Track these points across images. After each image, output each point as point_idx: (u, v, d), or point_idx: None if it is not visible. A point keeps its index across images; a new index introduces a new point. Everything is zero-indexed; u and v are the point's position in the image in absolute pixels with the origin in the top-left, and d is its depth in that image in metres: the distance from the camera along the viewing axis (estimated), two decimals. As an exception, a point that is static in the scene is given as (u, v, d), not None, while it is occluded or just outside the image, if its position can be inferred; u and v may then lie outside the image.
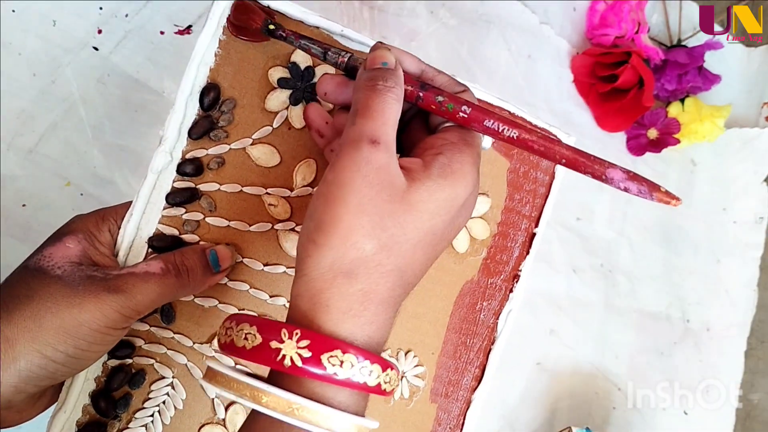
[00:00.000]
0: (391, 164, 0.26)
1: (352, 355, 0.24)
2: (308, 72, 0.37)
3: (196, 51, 0.35)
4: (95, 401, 0.35)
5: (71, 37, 0.47)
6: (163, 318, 0.36)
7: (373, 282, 0.26)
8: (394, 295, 0.27)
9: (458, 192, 0.27)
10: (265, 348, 0.24)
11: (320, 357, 0.24)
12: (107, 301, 0.30)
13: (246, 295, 0.37)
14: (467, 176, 0.28)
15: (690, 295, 0.65)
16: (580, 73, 0.62)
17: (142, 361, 0.36)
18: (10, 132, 0.46)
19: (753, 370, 0.65)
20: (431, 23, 0.57)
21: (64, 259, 0.31)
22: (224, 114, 0.36)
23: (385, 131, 0.27)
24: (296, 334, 0.24)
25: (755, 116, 0.68)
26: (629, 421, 0.61)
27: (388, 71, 0.29)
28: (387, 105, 0.27)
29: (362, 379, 0.25)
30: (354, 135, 0.27)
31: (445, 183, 0.27)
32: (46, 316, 0.29)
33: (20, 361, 0.29)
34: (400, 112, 0.28)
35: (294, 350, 0.24)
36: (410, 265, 0.27)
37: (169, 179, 0.35)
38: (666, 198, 0.26)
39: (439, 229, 0.27)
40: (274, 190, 0.37)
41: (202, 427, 0.36)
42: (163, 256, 0.34)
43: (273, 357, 0.24)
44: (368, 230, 0.25)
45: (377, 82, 0.28)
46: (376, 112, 0.27)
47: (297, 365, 0.24)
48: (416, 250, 0.27)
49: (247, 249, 0.37)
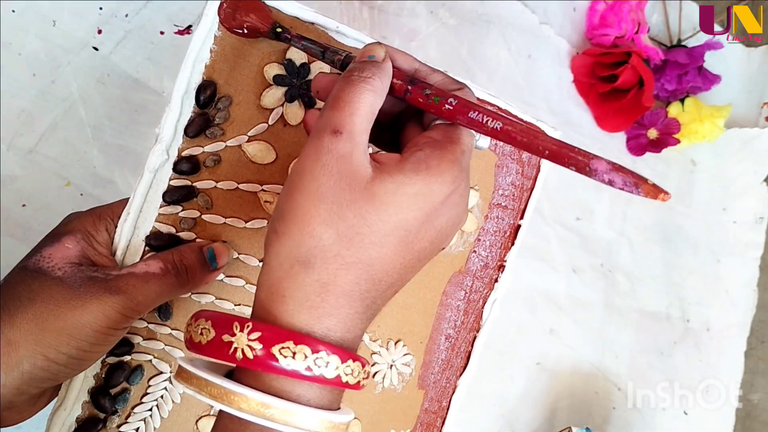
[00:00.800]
0: (354, 154, 0.26)
1: (305, 347, 0.24)
2: (304, 69, 0.37)
3: (192, 48, 0.34)
4: (94, 398, 0.35)
5: (71, 37, 0.47)
6: (160, 315, 0.36)
7: (331, 273, 0.25)
8: (359, 289, 0.26)
9: (432, 188, 0.26)
10: (218, 342, 0.24)
11: (271, 349, 0.23)
12: (109, 302, 0.30)
13: (242, 290, 0.37)
14: (444, 173, 0.26)
15: (690, 295, 0.65)
16: (580, 73, 0.62)
17: (141, 358, 0.36)
18: (10, 132, 0.46)
19: (753, 370, 0.65)
20: (431, 23, 0.57)
21: (64, 260, 0.31)
22: (220, 111, 0.36)
23: (351, 121, 0.26)
24: (247, 327, 0.24)
25: (755, 116, 0.68)
26: (629, 421, 0.62)
27: (368, 63, 0.28)
28: (357, 95, 0.27)
29: (318, 372, 0.24)
30: (319, 125, 0.26)
31: (416, 177, 0.26)
32: (48, 319, 0.29)
33: (23, 363, 0.29)
34: (376, 104, 0.27)
35: (245, 343, 0.23)
36: (378, 260, 0.26)
37: (166, 177, 0.35)
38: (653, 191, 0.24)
39: (412, 226, 0.26)
40: (269, 187, 0.37)
41: (199, 420, 0.37)
42: (161, 255, 0.34)
43: (226, 351, 0.24)
44: (325, 218, 0.25)
45: (353, 74, 0.27)
46: (344, 102, 0.26)
47: (248, 358, 0.23)
48: (383, 244, 0.26)
49: (243, 245, 0.37)
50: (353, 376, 0.25)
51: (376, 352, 0.41)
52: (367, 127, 0.27)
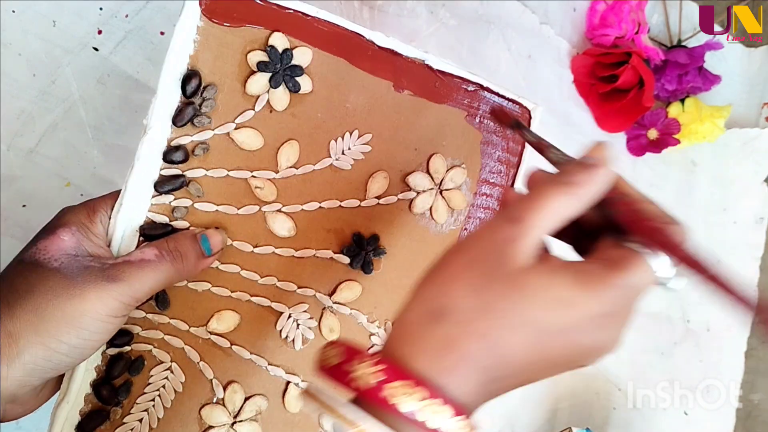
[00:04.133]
0: (520, 240, 0.25)
1: (423, 390, 0.24)
2: (286, 54, 0.37)
3: (174, 39, 0.35)
4: (97, 390, 0.35)
5: (71, 37, 0.47)
6: (158, 304, 0.36)
7: (460, 334, 0.25)
8: (482, 362, 0.25)
9: (584, 301, 0.25)
10: (342, 368, 0.25)
11: (390, 384, 0.24)
12: (107, 290, 0.31)
13: (237, 277, 0.38)
14: (604, 292, 0.25)
15: (690, 295, 0.65)
16: (580, 73, 0.62)
17: (141, 348, 0.36)
18: (10, 132, 0.46)
19: (753, 370, 0.65)
20: (431, 23, 0.57)
21: (60, 252, 0.32)
22: (207, 100, 0.36)
23: (532, 216, 0.26)
24: (373, 358, 0.25)
25: (755, 116, 0.68)
26: (629, 421, 0.61)
27: (581, 166, 0.27)
28: (551, 197, 0.26)
29: (424, 417, 0.24)
30: (506, 211, 0.27)
31: (572, 284, 0.25)
32: (47, 309, 0.30)
33: (24, 354, 0.29)
34: (570, 209, 0.26)
35: (368, 373, 0.24)
36: (506, 345, 0.25)
37: (156, 167, 0.35)
38: None
39: (550, 329, 0.25)
40: (259, 173, 0.37)
41: (202, 408, 0.37)
42: (156, 243, 0.34)
43: (347, 378, 0.25)
44: (471, 284, 0.25)
45: (562, 176, 0.27)
46: (535, 198, 0.26)
47: (367, 388, 0.24)
48: (516, 333, 0.25)
49: (236, 232, 0.37)
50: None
51: (375, 333, 0.41)
52: (547, 225, 0.26)
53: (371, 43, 0.39)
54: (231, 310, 0.38)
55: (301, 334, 0.39)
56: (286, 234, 0.38)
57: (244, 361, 0.38)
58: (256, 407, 0.38)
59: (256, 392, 0.38)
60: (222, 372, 0.37)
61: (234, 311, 0.38)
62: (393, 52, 0.40)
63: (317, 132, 0.39)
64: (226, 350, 0.37)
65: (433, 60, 0.41)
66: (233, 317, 0.37)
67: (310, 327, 0.39)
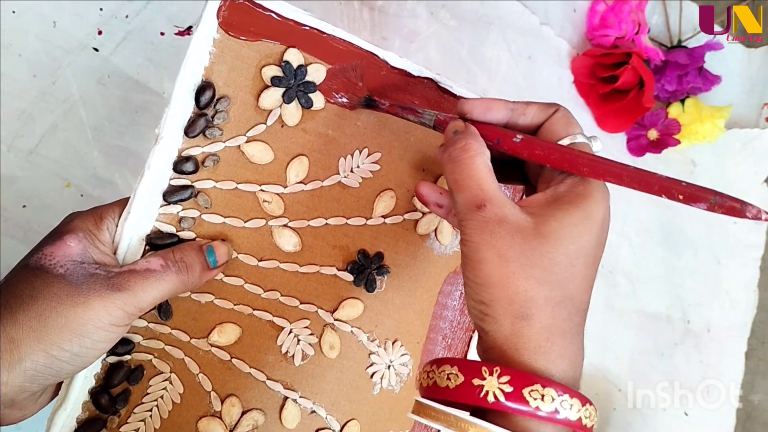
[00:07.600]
0: (507, 213, 0.28)
1: (552, 389, 0.25)
2: (301, 70, 0.37)
3: (191, 50, 0.35)
4: (95, 398, 0.35)
5: (71, 38, 0.47)
6: (160, 314, 0.36)
7: (549, 316, 0.27)
8: (573, 324, 0.28)
9: (591, 210, 0.28)
10: (468, 386, 0.26)
11: (522, 391, 0.25)
12: (111, 299, 0.31)
13: (241, 290, 0.37)
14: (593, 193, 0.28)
15: (690, 295, 0.65)
16: (581, 74, 0.62)
17: (141, 357, 0.36)
18: (11, 133, 0.46)
19: (753, 370, 0.65)
20: (431, 24, 0.57)
21: (66, 258, 0.31)
22: (219, 112, 0.36)
23: (482, 189, 0.28)
24: (496, 371, 0.25)
25: (755, 117, 0.68)
26: (629, 421, 0.61)
27: (457, 135, 0.30)
28: (469, 166, 0.29)
29: (564, 414, 0.25)
30: (462, 211, 0.29)
31: (572, 207, 0.28)
32: (51, 316, 0.29)
33: (25, 360, 0.29)
34: (486, 162, 0.29)
35: (496, 386, 0.25)
36: (576, 291, 0.28)
37: (166, 177, 0.35)
38: None
39: (590, 248, 0.28)
40: (268, 187, 0.37)
41: (200, 420, 0.37)
42: (162, 253, 0.34)
43: (476, 394, 0.25)
44: (520, 273, 0.27)
45: (452, 152, 0.30)
46: (464, 181, 0.29)
47: (500, 400, 0.25)
48: (575, 274, 0.27)
49: (242, 245, 0.37)
50: (590, 419, 0.26)
51: (375, 352, 0.41)
52: (495, 184, 0.29)
53: (385, 62, 0.39)
54: (233, 323, 0.37)
55: (301, 350, 0.39)
56: (291, 249, 0.38)
57: (244, 375, 0.38)
58: (252, 421, 0.38)
59: (254, 406, 0.38)
60: (221, 385, 0.37)
61: (236, 324, 0.37)
62: (405, 72, 0.40)
63: (327, 148, 0.39)
64: (226, 363, 0.37)
65: (445, 81, 0.41)
66: (234, 330, 0.37)
67: (311, 343, 0.39)
